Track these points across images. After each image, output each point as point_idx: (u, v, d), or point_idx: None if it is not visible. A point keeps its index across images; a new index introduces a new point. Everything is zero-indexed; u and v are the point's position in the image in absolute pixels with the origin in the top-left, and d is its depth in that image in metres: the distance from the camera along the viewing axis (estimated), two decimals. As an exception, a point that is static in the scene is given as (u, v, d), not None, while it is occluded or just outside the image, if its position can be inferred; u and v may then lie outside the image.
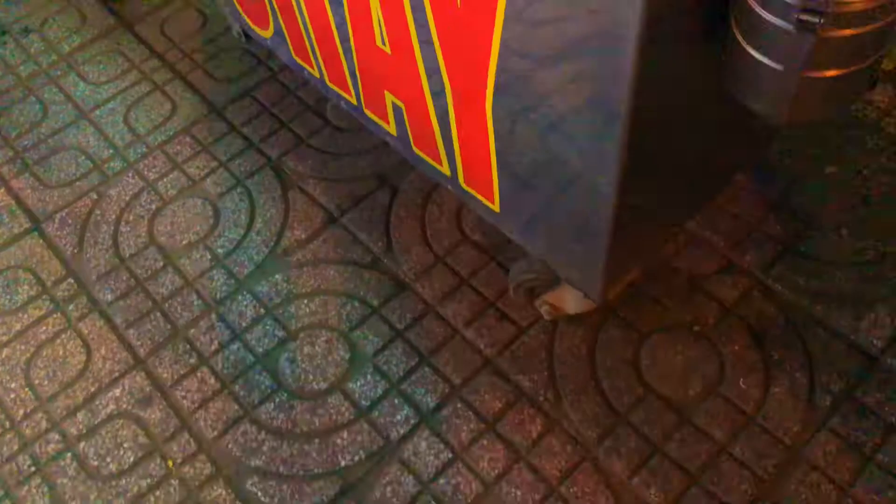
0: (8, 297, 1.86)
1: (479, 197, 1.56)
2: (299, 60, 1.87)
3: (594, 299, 1.47)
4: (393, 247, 1.87)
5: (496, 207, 1.53)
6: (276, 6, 1.78)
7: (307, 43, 1.76)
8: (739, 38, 0.97)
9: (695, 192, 1.60)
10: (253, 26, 2.00)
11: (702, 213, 1.80)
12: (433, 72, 1.38)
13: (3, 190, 2.07)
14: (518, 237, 1.57)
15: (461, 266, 1.82)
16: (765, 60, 0.95)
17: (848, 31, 0.85)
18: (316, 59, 1.78)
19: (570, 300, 1.60)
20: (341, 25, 1.56)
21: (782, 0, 0.85)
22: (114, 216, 1.99)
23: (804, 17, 0.83)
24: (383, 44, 1.47)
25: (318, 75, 1.84)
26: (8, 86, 2.32)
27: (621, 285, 1.62)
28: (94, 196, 2.04)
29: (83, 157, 2.13)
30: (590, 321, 1.68)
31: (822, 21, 0.83)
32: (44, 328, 1.80)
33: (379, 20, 1.43)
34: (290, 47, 1.86)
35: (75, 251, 1.93)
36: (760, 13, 0.90)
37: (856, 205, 1.82)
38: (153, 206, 2.01)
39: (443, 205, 1.93)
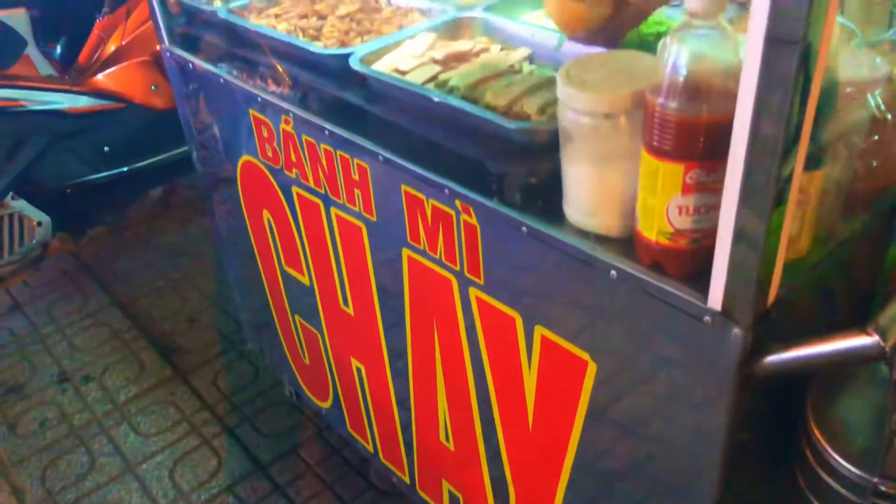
0: None
1: None
2: (354, 434, 1.96)
3: None
4: None
5: None
6: (338, 383, 1.91)
7: (365, 421, 1.86)
8: (809, 495, 1.04)
9: None
10: (311, 396, 2.12)
11: None
12: (498, 477, 1.44)
13: (37, 552, 2.04)
14: None
15: None
16: (836, 520, 1.00)
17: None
18: (373, 436, 1.87)
19: None
20: (404, 416, 1.67)
21: (853, 480, 0.94)
22: (147, 586, 1.93)
23: (877, 501, 0.90)
24: (447, 440, 1.56)
25: (371, 450, 1.91)
26: (61, 435, 2.40)
27: None
28: (130, 562, 1.99)
29: (124, 516, 2.12)
30: None
31: (894, 506, 0.90)
32: None
33: (445, 420, 1.53)
34: (347, 421, 1.96)
35: None
36: (830, 482, 0.98)
37: None
38: (189, 576, 1.95)
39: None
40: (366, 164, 1.38)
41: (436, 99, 1.20)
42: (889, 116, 1.11)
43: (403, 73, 1.32)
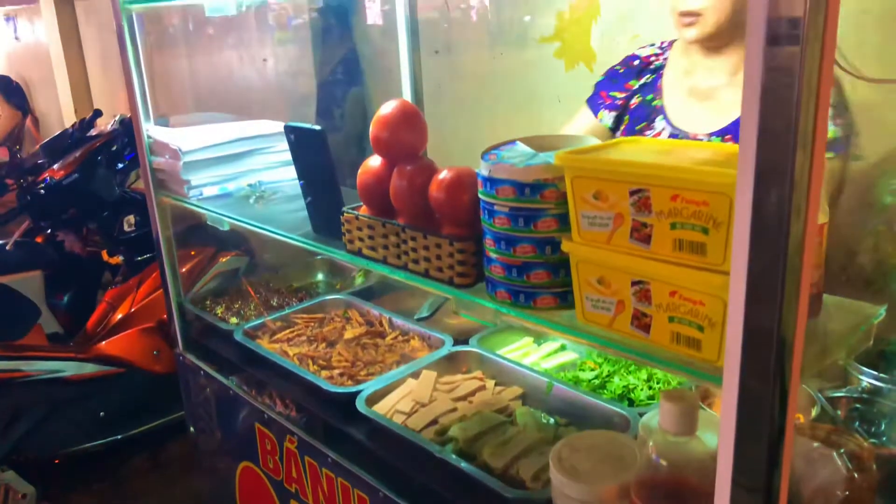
0: None
1: None
2: None
3: None
4: None
5: None
6: None
7: None
8: None
9: None
10: None
11: None
12: None
13: None
14: None
15: None
16: None
17: None
18: None
19: None
20: None
21: None
22: None
23: None
24: None
25: None
26: None
27: None
28: None
29: None
30: None
31: None
32: None
33: None
34: None
35: None
36: None
37: None
38: None
39: None
40: (366, 497, 1.44)
41: (436, 454, 1.29)
42: (856, 475, 1.22)
43: (406, 413, 1.43)
